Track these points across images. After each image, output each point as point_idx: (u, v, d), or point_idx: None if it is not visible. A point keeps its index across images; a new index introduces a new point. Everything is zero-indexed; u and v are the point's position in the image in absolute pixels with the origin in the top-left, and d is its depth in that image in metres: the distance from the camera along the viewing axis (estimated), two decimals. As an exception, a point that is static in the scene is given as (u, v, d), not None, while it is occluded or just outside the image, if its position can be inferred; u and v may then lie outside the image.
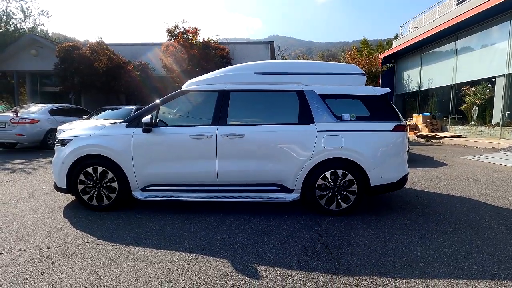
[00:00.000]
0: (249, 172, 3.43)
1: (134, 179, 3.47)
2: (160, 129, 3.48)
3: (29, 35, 14.94)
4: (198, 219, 3.32)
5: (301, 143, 3.38)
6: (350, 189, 3.41)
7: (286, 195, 3.45)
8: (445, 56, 15.39)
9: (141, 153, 3.43)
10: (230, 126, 3.44)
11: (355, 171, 3.38)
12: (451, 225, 3.16)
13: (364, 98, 3.51)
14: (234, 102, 3.54)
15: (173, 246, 2.68)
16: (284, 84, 3.58)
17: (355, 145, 3.36)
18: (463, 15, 12.74)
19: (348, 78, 3.65)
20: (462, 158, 7.81)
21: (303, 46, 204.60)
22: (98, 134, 3.53)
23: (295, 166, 3.38)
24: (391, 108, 3.55)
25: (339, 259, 2.45)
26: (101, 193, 3.52)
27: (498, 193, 4.39)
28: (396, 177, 3.47)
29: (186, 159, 3.45)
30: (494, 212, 3.57)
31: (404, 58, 19.35)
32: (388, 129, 3.42)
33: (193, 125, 3.52)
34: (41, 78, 16.42)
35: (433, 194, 4.33)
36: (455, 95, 14.43)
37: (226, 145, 3.39)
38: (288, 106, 3.55)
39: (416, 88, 17.89)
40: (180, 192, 3.51)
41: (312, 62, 3.83)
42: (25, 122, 8.21)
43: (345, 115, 3.45)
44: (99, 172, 3.49)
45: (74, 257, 2.46)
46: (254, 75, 3.63)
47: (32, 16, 19.00)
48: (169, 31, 13.38)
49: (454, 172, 5.92)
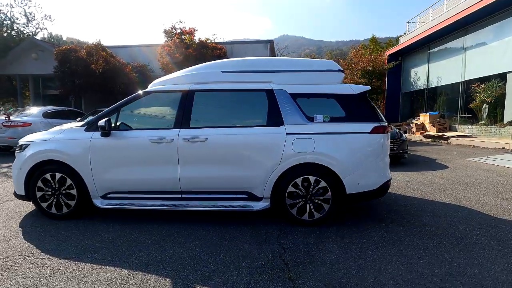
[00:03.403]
0: (214, 178, 3.17)
1: (93, 186, 3.26)
2: (119, 133, 3.26)
3: (29, 39, 15.21)
4: (158, 229, 3.09)
5: (268, 147, 3.09)
6: (324, 198, 3.10)
7: (254, 204, 3.17)
8: (453, 52, 14.71)
9: (99, 159, 3.23)
10: (193, 129, 3.19)
11: (329, 178, 3.07)
12: (435, 239, 2.80)
13: (339, 97, 3.19)
14: (198, 103, 3.29)
15: (118, 261, 2.45)
16: (253, 83, 3.30)
17: (328, 149, 3.05)
18: (472, 7, 12.09)
19: (323, 76, 3.34)
20: (466, 160, 7.30)
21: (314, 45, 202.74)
22: (56, 139, 3.34)
23: (262, 172, 3.10)
24: (370, 108, 3.22)
25: (295, 279, 2.16)
26: (60, 201, 3.34)
27: (498, 200, 3.97)
28: (375, 184, 3.13)
29: (147, 165, 3.22)
30: (488, 223, 3.18)
31: (411, 55, 18.67)
32: (366, 131, 3.09)
33: (154, 128, 3.29)
34: (43, 81, 16.68)
35: (424, 202, 3.95)
36: (464, 93, 13.75)
37: (189, 149, 3.14)
38: (257, 107, 3.28)
39: (424, 86, 17.21)
40: (142, 200, 3.28)
41: (284, 59, 3.54)
42: (17, 125, 8.22)
43: (318, 116, 3.14)
44: (57, 179, 3.30)
45: (6, 274, 2.27)
46: (221, 73, 3.37)
47: (35, 21, 19.39)
48: (166, 31, 13.31)
49: (454, 176, 5.48)
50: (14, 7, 20.91)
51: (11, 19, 17.79)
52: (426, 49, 16.89)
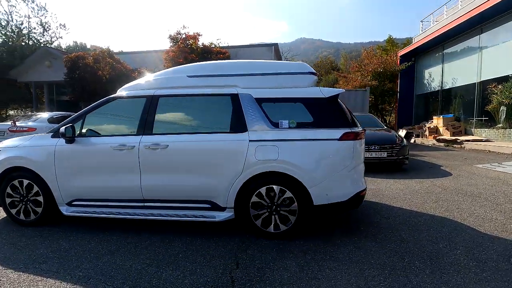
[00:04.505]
0: (176, 187, 3.05)
1: (58, 193, 3.24)
2: (83, 140, 3.23)
3: (43, 48, 15.99)
4: (118, 239, 3.00)
5: (230, 154, 2.94)
6: (290, 209, 2.90)
7: (217, 214, 3.02)
8: (468, 51, 13.93)
9: (64, 165, 3.20)
10: (155, 135, 3.09)
11: (295, 188, 2.86)
12: (407, 257, 2.53)
13: (307, 101, 2.99)
14: (162, 108, 3.20)
15: (62, 273, 2.38)
16: (219, 88, 3.16)
17: (292, 157, 2.85)
18: (488, 2, 11.37)
19: (292, 79, 3.15)
20: (475, 167, 6.77)
21: (331, 47, 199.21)
22: (23, 145, 3.36)
23: (225, 180, 2.94)
24: (340, 112, 2.99)
25: (235, 301, 1.99)
26: (28, 208, 3.34)
27: (494, 213, 3.58)
28: (345, 195, 2.89)
29: (110, 172, 3.16)
30: (473, 240, 2.84)
31: (424, 55, 17.89)
32: (334, 138, 2.87)
33: (118, 135, 3.23)
34: (57, 88, 17.43)
35: (410, 214, 3.64)
36: (480, 94, 12.93)
37: (150, 157, 3.05)
38: (221, 112, 3.14)
39: (438, 88, 16.40)
40: (107, 208, 3.22)
41: (251, 62, 3.38)
42: (22, 131, 8.51)
43: (283, 121, 2.95)
44: (25, 185, 3.31)
45: None
46: (187, 78, 3.26)
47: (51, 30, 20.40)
48: (172, 37, 13.51)
49: (454, 185, 5.06)
50: (32, 18, 22.18)
51: (28, 29, 18.87)
52: (441, 49, 16.12)
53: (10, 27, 20.06)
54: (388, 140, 6.41)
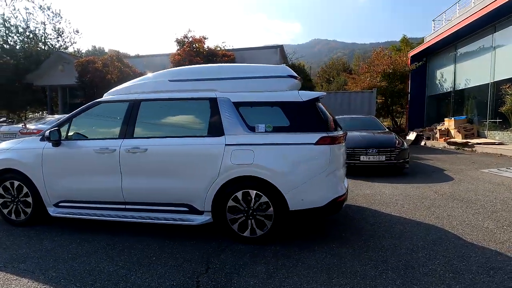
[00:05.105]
0: (155, 190, 3.09)
1: (45, 194, 3.35)
2: (69, 143, 3.33)
3: (56, 52, 16.69)
4: (99, 240, 3.07)
5: (207, 158, 2.95)
6: (266, 214, 2.87)
7: (195, 217, 3.04)
8: (481, 51, 13.39)
9: (50, 167, 3.31)
10: (136, 139, 3.15)
11: (270, 192, 2.84)
12: (382, 267, 2.45)
13: (284, 104, 2.96)
14: (144, 112, 3.25)
15: (37, 273, 2.45)
16: (198, 92, 3.19)
17: (268, 161, 2.83)
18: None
19: (271, 82, 3.13)
20: (480, 172, 6.48)
21: (346, 48, 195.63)
22: (14, 148, 3.50)
23: (202, 184, 2.96)
24: (318, 116, 2.93)
25: (194, 306, 1.98)
26: (19, 208, 3.47)
27: (486, 222, 3.41)
28: (322, 200, 2.84)
29: (93, 175, 3.24)
30: (456, 250, 2.72)
31: (436, 55, 17.36)
32: (310, 142, 2.82)
33: (101, 138, 3.31)
34: (70, 91, 18.09)
35: (398, 221, 3.52)
36: (494, 95, 12.39)
37: (130, 160, 3.10)
38: (200, 116, 3.16)
39: (450, 89, 15.85)
40: (91, 209, 3.30)
41: (231, 66, 3.40)
42: (31, 133, 8.87)
43: (259, 125, 2.94)
44: (15, 187, 3.44)
45: None
46: (168, 82, 3.31)
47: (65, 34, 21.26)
48: (178, 40, 13.75)
49: (452, 190, 4.86)
50: (47, 24, 23.16)
51: (44, 35, 19.74)
52: (453, 48, 15.58)
53: (27, 34, 21.09)
54: (386, 144, 6.24)
